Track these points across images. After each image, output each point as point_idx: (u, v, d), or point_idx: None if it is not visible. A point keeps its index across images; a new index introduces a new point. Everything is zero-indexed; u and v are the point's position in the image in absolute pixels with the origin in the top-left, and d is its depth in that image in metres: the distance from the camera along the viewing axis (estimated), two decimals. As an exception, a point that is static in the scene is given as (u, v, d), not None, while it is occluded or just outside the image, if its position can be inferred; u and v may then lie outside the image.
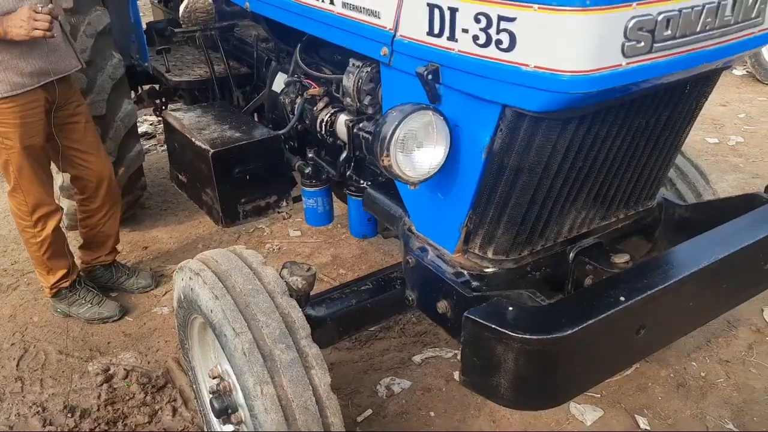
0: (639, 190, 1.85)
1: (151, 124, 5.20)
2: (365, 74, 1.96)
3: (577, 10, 1.22)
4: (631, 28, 1.26)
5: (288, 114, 2.52)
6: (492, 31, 1.37)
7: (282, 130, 2.50)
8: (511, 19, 1.32)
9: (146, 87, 3.78)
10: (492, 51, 1.39)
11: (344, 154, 2.29)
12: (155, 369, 2.67)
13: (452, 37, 1.47)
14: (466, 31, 1.42)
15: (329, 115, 2.26)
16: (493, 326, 1.35)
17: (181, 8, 2.83)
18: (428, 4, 1.50)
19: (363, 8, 1.75)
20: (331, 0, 1.87)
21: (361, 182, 2.31)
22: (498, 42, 1.37)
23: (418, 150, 1.59)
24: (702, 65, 1.42)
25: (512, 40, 1.34)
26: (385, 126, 1.54)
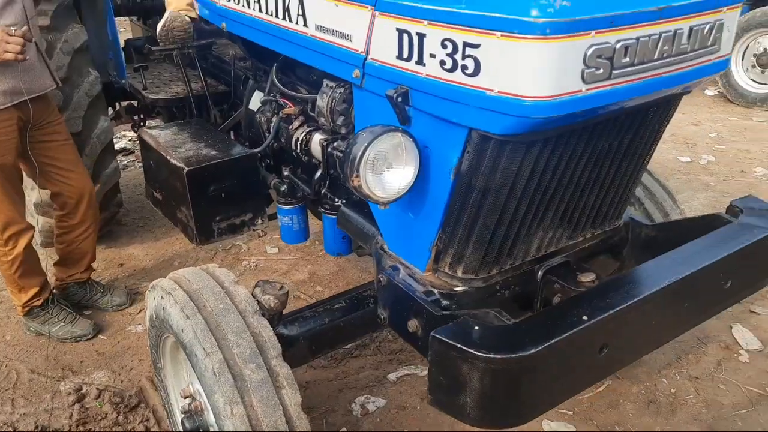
0: (605, 210, 1.89)
1: (130, 140, 5.18)
2: (338, 95, 1.99)
3: (538, 38, 1.26)
4: (590, 56, 1.30)
5: (264, 132, 2.55)
6: (458, 57, 1.40)
7: (258, 149, 2.52)
8: (476, 46, 1.36)
9: (124, 103, 3.78)
10: (458, 76, 1.42)
11: (319, 173, 2.31)
12: (128, 388, 2.64)
13: (420, 62, 1.51)
14: (434, 56, 1.46)
15: (304, 134, 2.28)
16: (459, 346, 1.37)
17: (159, 26, 2.86)
18: (397, 29, 1.54)
19: (336, 31, 1.79)
20: (305, 22, 1.91)
21: (336, 200, 2.33)
22: (464, 67, 1.40)
23: (388, 171, 1.62)
24: (660, 91, 1.47)
25: (477, 66, 1.37)
26: (355, 147, 1.56)
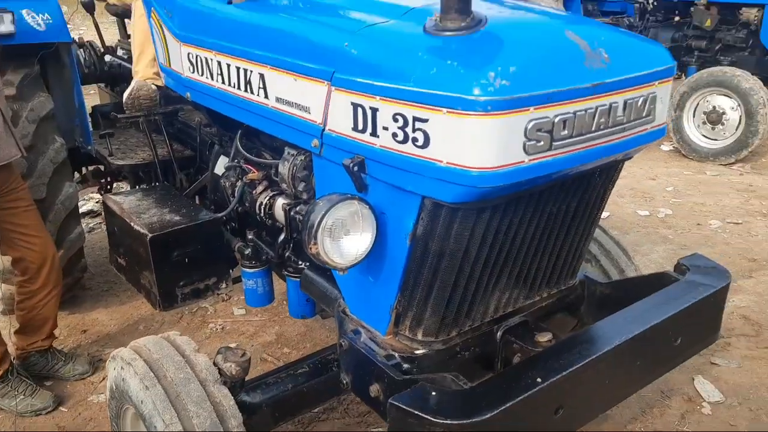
0: (559, 270, 1.95)
1: (97, 202, 5.15)
2: (299, 162, 2.05)
3: (481, 114, 1.33)
4: (531, 129, 1.38)
5: (229, 196, 2.58)
6: (408, 130, 1.48)
7: (222, 213, 2.54)
8: (424, 120, 1.43)
9: (91, 168, 3.80)
10: (409, 147, 1.49)
11: (282, 236, 2.34)
12: (88, 462, 2.56)
13: (374, 134, 1.58)
14: (386, 129, 1.53)
15: (268, 199, 2.32)
16: (416, 412, 1.38)
17: (126, 95, 2.92)
18: (352, 104, 1.61)
19: (295, 103, 1.86)
20: (266, 95, 1.98)
21: (300, 263, 2.36)
22: (414, 139, 1.47)
23: (345, 237, 1.66)
24: (600, 159, 1.56)
25: (426, 138, 1.45)
26: (312, 215, 1.60)
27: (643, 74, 1.56)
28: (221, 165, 2.70)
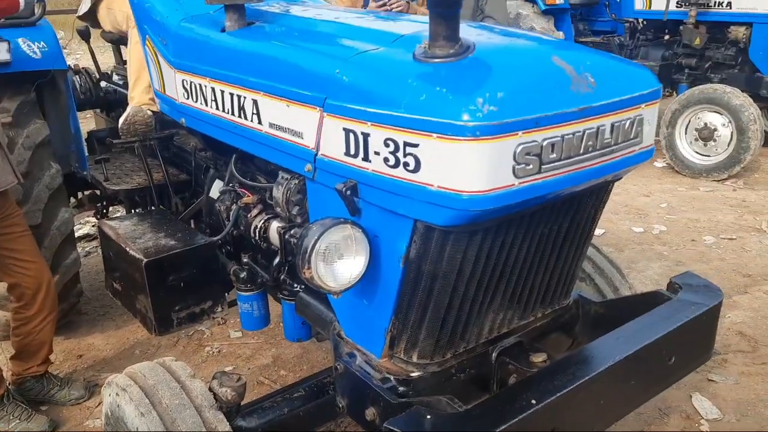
0: (552, 290, 1.96)
1: (93, 226, 5.16)
2: (293, 186, 2.07)
3: (470, 139, 1.36)
4: (519, 153, 1.40)
5: (224, 220, 2.59)
6: (399, 155, 1.50)
7: (217, 237, 2.55)
8: (415, 145, 1.45)
9: (87, 192, 3.81)
10: (401, 171, 1.51)
11: (277, 259, 2.35)
12: (83, 489, 2.54)
13: (366, 158, 1.59)
14: (378, 154, 1.55)
15: (262, 222, 2.33)
16: (411, 436, 1.39)
17: (121, 121, 2.94)
18: (344, 129, 1.63)
19: (288, 129, 1.88)
20: (260, 120, 2.00)
21: (295, 286, 2.36)
22: (405, 164, 1.49)
23: (339, 261, 1.67)
24: (589, 181, 1.58)
25: (417, 163, 1.47)
26: (306, 240, 1.62)
27: (630, 97, 1.59)
28: (216, 189, 2.72)
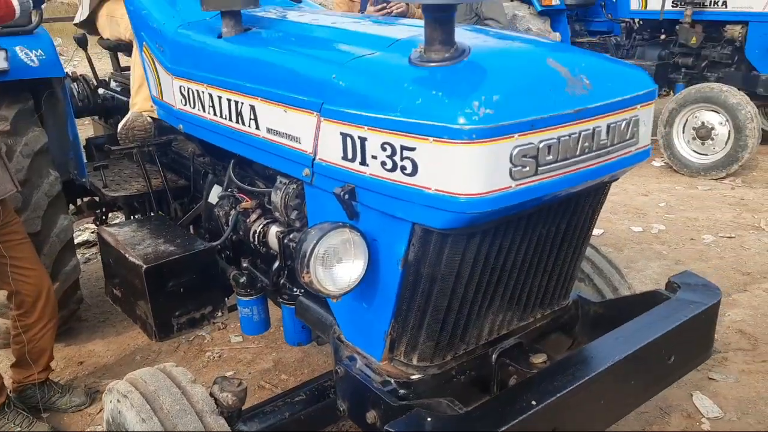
0: (551, 291, 1.97)
1: (92, 233, 5.16)
2: (291, 191, 2.08)
3: (466, 143, 1.36)
4: (516, 155, 1.41)
5: (223, 225, 2.60)
6: (397, 159, 1.50)
7: (217, 242, 2.56)
8: (412, 149, 1.46)
9: (86, 199, 3.81)
10: (398, 175, 1.52)
11: (277, 264, 2.35)
12: (85, 496, 2.54)
13: (364, 162, 1.60)
14: (375, 158, 1.56)
15: (261, 227, 2.34)
16: (412, 439, 1.39)
17: (120, 126, 2.94)
18: (341, 133, 1.64)
19: (285, 134, 1.89)
20: (257, 126, 2.01)
21: (294, 290, 2.37)
22: (403, 168, 1.50)
23: (338, 265, 1.67)
24: (585, 182, 1.59)
25: (414, 167, 1.47)
26: (305, 244, 1.62)
27: (625, 98, 1.60)
28: (215, 194, 2.73)
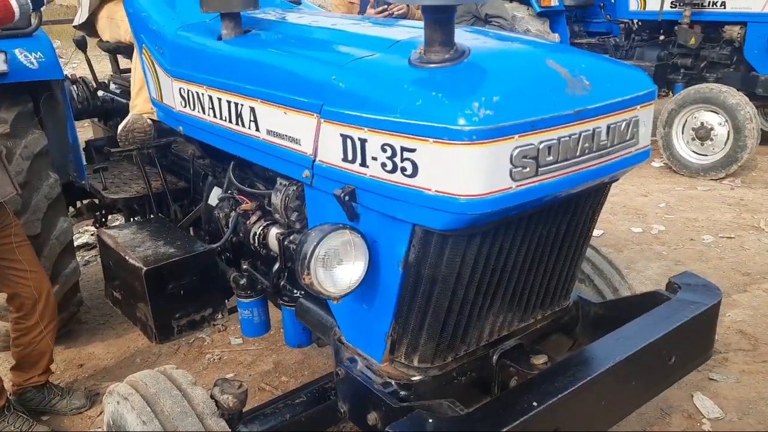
0: (551, 292, 1.97)
1: (92, 235, 5.16)
2: (291, 192, 2.07)
3: (466, 144, 1.36)
4: (516, 156, 1.41)
5: (223, 227, 2.59)
6: (397, 160, 1.50)
7: (217, 244, 2.56)
8: (412, 150, 1.46)
9: (86, 201, 3.81)
10: (398, 176, 1.52)
11: (277, 266, 2.35)
12: (85, 499, 2.54)
13: (364, 163, 1.60)
14: (375, 159, 1.56)
15: (261, 228, 2.34)
16: (413, 440, 1.39)
17: (120, 128, 2.94)
18: (341, 135, 1.64)
19: (285, 135, 1.89)
20: (257, 127, 2.01)
21: (295, 292, 2.36)
22: (403, 169, 1.50)
23: (338, 267, 1.67)
24: (586, 183, 1.59)
25: (415, 168, 1.47)
26: (305, 246, 1.62)
27: (625, 99, 1.60)
28: (215, 196, 2.72)
